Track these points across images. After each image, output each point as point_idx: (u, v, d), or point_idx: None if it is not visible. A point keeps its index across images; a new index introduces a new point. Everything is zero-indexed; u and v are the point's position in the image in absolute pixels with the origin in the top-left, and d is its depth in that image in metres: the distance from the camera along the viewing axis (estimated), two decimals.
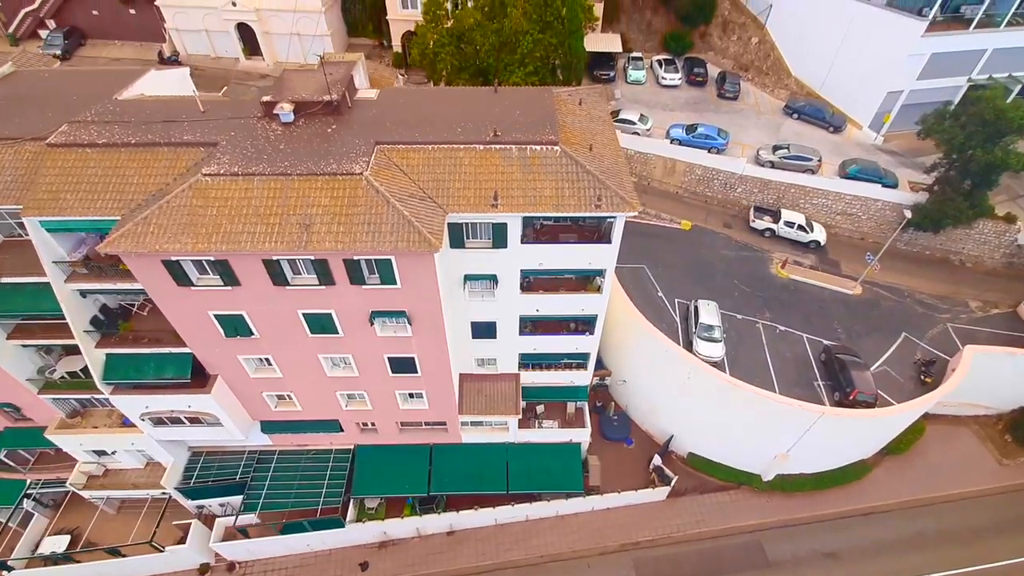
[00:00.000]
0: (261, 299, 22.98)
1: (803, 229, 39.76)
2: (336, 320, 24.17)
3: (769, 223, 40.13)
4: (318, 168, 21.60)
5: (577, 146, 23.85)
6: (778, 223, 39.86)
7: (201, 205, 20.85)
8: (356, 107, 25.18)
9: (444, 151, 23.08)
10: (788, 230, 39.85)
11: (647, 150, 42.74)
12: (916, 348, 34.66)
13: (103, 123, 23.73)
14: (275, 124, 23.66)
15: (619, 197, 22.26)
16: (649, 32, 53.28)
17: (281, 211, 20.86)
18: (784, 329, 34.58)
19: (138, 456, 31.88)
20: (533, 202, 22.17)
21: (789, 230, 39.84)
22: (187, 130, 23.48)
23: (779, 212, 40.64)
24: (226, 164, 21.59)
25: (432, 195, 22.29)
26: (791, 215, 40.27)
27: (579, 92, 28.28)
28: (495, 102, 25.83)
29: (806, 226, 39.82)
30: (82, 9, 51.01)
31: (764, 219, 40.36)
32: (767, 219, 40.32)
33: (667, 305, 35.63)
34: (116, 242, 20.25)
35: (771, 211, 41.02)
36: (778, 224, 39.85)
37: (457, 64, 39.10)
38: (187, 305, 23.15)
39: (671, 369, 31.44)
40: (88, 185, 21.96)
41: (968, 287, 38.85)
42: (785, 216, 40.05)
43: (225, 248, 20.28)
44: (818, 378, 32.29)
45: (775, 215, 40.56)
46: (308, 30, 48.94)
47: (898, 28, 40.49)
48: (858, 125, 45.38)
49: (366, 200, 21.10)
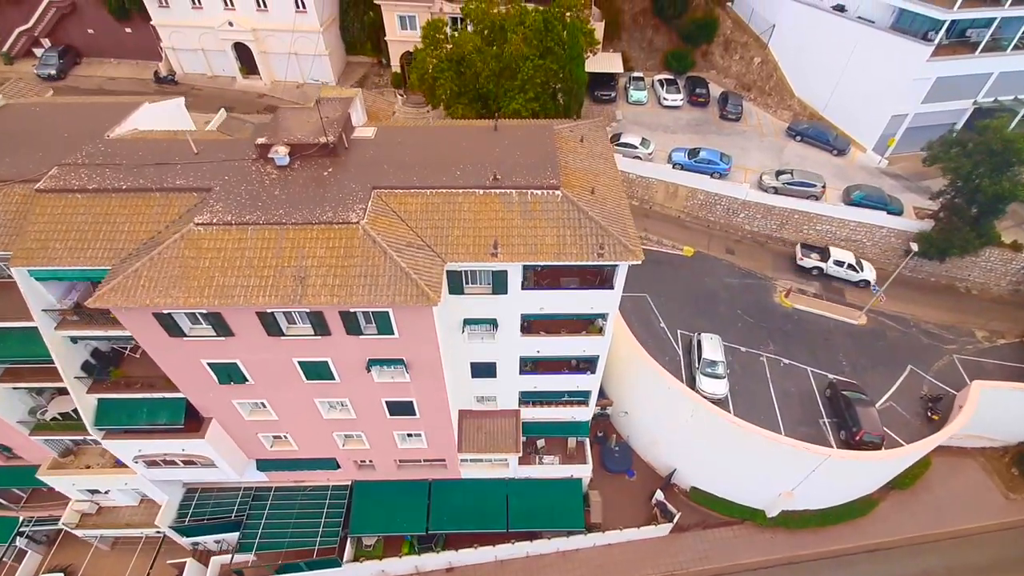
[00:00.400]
0: (255, 348, 22.46)
1: (853, 268, 38.62)
2: (332, 367, 23.65)
3: (817, 261, 38.94)
4: (313, 216, 21.09)
5: (579, 189, 23.35)
6: (827, 261, 38.57)
7: (193, 256, 20.31)
8: (353, 147, 24.63)
9: (443, 196, 22.53)
10: (837, 269, 38.64)
11: (649, 174, 42.24)
12: (922, 382, 34.15)
13: (94, 166, 23.20)
14: (270, 167, 23.13)
15: (622, 245, 21.73)
16: (650, 50, 52.75)
17: (275, 262, 20.32)
18: (788, 363, 34.06)
19: (132, 494, 31.37)
20: (534, 251, 21.64)
21: (839, 269, 38.63)
22: (180, 174, 22.94)
23: (827, 250, 39.37)
24: (219, 212, 21.06)
25: (430, 243, 21.76)
26: (840, 253, 38.98)
27: (580, 127, 27.79)
28: (495, 140, 25.30)
29: (856, 265, 38.67)
30: (77, 28, 50.55)
31: (812, 257, 39.18)
32: (815, 257, 39.17)
33: (669, 337, 35.12)
34: (106, 296, 19.71)
35: (819, 248, 39.67)
36: (827, 263, 38.58)
37: (456, 89, 38.58)
38: (179, 354, 22.62)
39: (673, 406, 30.91)
40: (78, 233, 21.43)
41: (974, 316, 38.35)
42: (835, 255, 38.76)
43: (218, 303, 19.75)
44: (823, 415, 31.76)
45: (823, 253, 39.33)
46: (306, 50, 48.53)
47: (903, 52, 39.97)
48: (862, 148, 44.85)
49: (362, 251, 20.58)
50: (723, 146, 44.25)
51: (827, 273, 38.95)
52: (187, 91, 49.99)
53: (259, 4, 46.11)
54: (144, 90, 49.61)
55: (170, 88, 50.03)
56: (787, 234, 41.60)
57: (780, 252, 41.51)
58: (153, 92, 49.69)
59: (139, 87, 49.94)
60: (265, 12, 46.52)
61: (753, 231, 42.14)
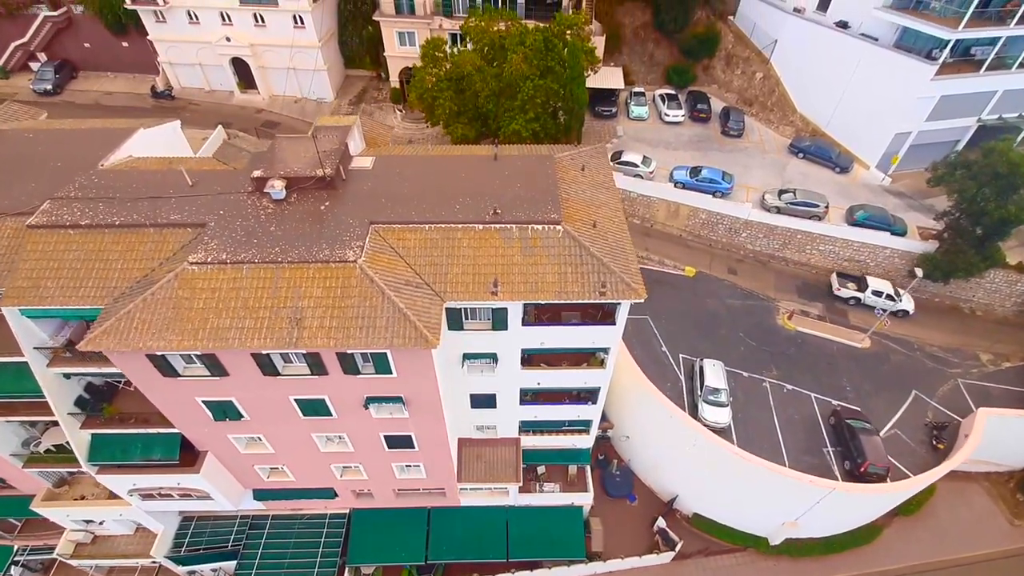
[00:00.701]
0: (250, 387, 22.07)
1: (891, 298, 37.98)
2: (329, 404, 23.25)
3: (854, 291, 38.38)
4: (310, 255, 20.67)
5: (580, 223, 22.96)
6: (864, 292, 38.04)
7: (187, 297, 19.90)
8: (350, 179, 24.21)
9: (442, 231, 22.12)
10: (876, 299, 38.10)
11: (650, 193, 41.84)
12: (927, 408, 33.77)
13: (87, 199, 22.76)
14: (266, 200, 22.72)
15: (624, 283, 21.32)
16: (651, 64, 52.37)
17: (271, 303, 19.90)
18: (791, 388, 33.68)
19: (127, 523, 30.97)
20: (534, 289, 21.22)
21: (877, 299, 38.08)
22: (174, 208, 22.50)
23: (864, 279, 38.82)
24: (214, 250, 20.64)
25: (429, 280, 21.35)
26: (878, 283, 38.41)
27: (581, 154, 27.36)
28: (495, 171, 24.90)
29: (894, 295, 38.07)
30: (73, 42, 50.12)
31: (849, 287, 38.61)
32: (851, 286, 38.59)
33: (671, 361, 34.75)
34: (98, 339, 19.31)
35: (855, 278, 39.09)
36: (865, 293, 38.05)
37: (456, 108, 38.20)
38: (173, 392, 22.22)
39: (676, 434, 30.53)
40: (70, 271, 20.99)
41: (979, 338, 37.97)
42: (872, 285, 38.20)
43: (212, 346, 19.35)
44: (827, 444, 31.38)
45: (859, 282, 38.75)
46: (305, 64, 48.12)
47: (907, 70, 39.60)
48: (865, 165, 44.47)
49: (360, 290, 20.17)
50: (725, 163, 43.91)
51: (864, 303, 38.14)
52: (184, 106, 49.87)
53: (257, 20, 45.70)
54: (141, 105, 49.29)
55: (167, 103, 49.63)
56: (790, 254, 41.25)
57: (783, 272, 41.16)
58: (150, 107, 49.46)
59: (136, 102, 49.54)
60: (263, 27, 46.11)
61: (755, 250, 41.75)
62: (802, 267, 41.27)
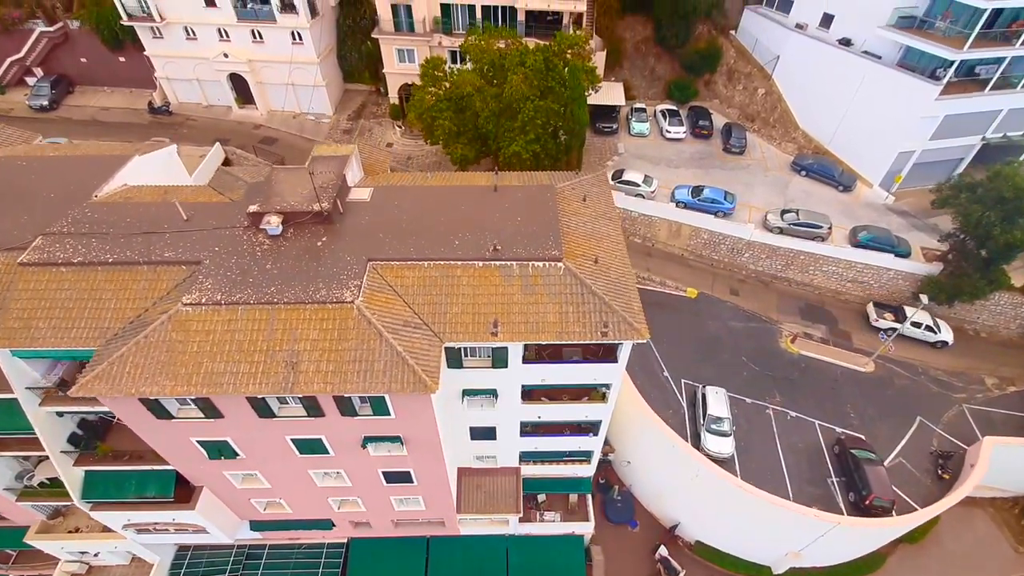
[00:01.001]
0: (246, 428, 21.68)
1: (931, 329, 37.55)
2: (326, 443, 22.88)
3: (892, 322, 37.75)
4: (306, 295, 20.28)
5: (582, 259, 22.57)
6: (903, 323, 37.46)
7: (181, 340, 19.50)
8: (348, 212, 23.79)
9: (441, 268, 21.71)
10: (914, 330, 37.65)
11: (652, 213, 41.45)
12: (932, 435, 33.40)
13: (79, 235, 22.39)
14: (262, 236, 22.34)
15: (626, 323, 20.95)
16: (652, 79, 51.98)
17: (266, 346, 19.50)
18: (795, 415, 33.29)
19: (123, 554, 30.59)
20: (535, 329, 20.83)
21: (915, 330, 37.64)
22: (168, 244, 22.11)
23: (902, 310, 38.35)
24: (208, 290, 20.25)
25: (428, 320, 20.95)
26: (917, 315, 37.66)
27: (582, 183, 26.98)
28: (495, 203, 24.51)
29: (933, 326, 37.59)
30: (70, 57, 49.69)
31: (886, 317, 38.03)
32: (889, 317, 38.03)
33: (673, 387, 34.36)
34: (90, 384, 18.92)
35: (893, 308, 38.50)
36: (903, 324, 37.37)
37: (455, 129, 37.78)
38: (167, 433, 21.84)
39: (678, 464, 30.15)
40: (62, 311, 20.60)
41: (983, 361, 37.60)
42: (911, 316, 37.55)
43: (206, 391, 18.95)
44: (832, 474, 30.99)
45: (897, 313, 38.17)
46: (303, 80, 47.73)
47: (911, 90, 39.22)
48: (868, 183, 44.09)
49: (357, 332, 19.77)
50: (727, 181, 43.55)
51: (903, 334, 37.51)
52: (182, 121, 49.50)
53: (255, 36, 45.31)
54: (138, 121, 48.88)
55: (164, 118, 49.23)
56: (793, 274, 40.86)
57: (785, 292, 40.80)
58: (147, 123, 49.05)
59: (133, 117, 49.13)
60: (261, 44, 45.71)
61: (758, 271, 41.39)
62: (805, 288, 40.91)
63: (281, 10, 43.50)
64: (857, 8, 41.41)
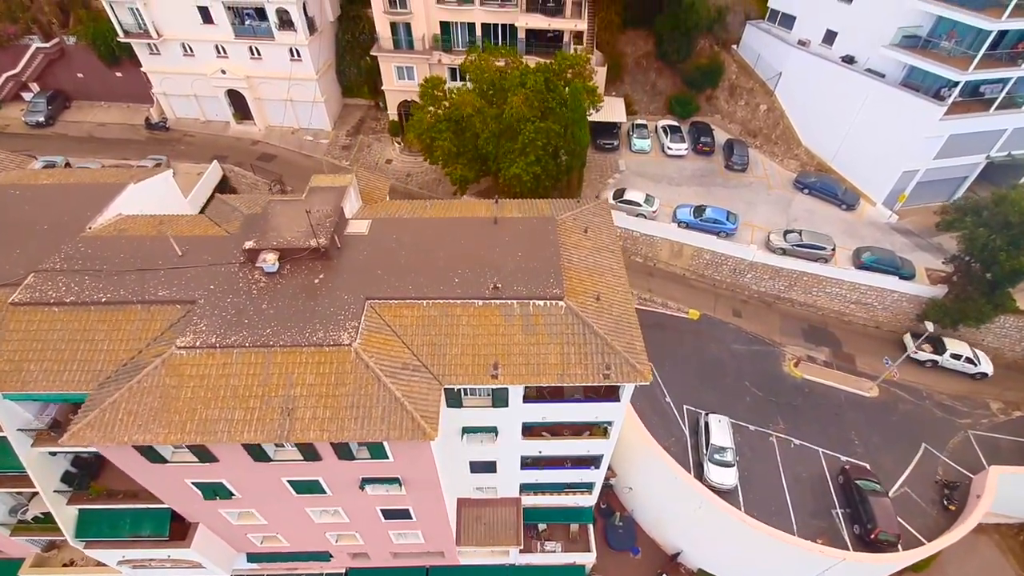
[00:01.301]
0: (241, 470, 21.28)
1: (971, 361, 36.98)
2: (324, 484, 22.48)
3: (931, 354, 37.33)
4: (303, 337, 19.91)
5: (583, 296, 22.20)
6: (942, 355, 37.14)
7: (175, 385, 19.13)
8: (346, 246, 23.43)
9: (440, 307, 21.35)
10: (954, 362, 37.15)
11: (654, 233, 41.03)
12: (937, 463, 32.94)
13: (72, 272, 22.02)
14: (258, 273, 21.95)
15: (628, 365, 20.57)
16: (653, 93, 51.57)
17: (261, 391, 19.13)
18: (799, 443, 32.85)
19: None
20: (536, 372, 20.47)
21: (955, 362, 37.15)
22: (163, 281, 21.75)
23: (942, 342, 37.70)
24: (203, 332, 19.88)
25: (427, 362, 20.57)
26: (956, 346, 37.43)
27: (584, 214, 26.65)
28: (495, 236, 24.16)
29: (973, 358, 37.08)
30: (66, 72, 49.24)
31: (925, 348, 37.35)
32: (928, 349, 37.40)
33: (675, 413, 33.95)
34: (82, 433, 18.55)
35: (931, 339, 37.61)
36: (943, 356, 37.13)
37: (455, 149, 37.37)
38: (161, 475, 21.44)
39: (680, 494, 29.77)
40: (54, 353, 20.24)
41: (988, 384, 37.13)
42: (951, 348, 37.17)
43: (200, 439, 18.57)
44: (836, 505, 30.55)
45: (936, 344, 37.57)
46: (302, 96, 47.33)
47: (915, 110, 38.78)
48: (871, 202, 43.65)
49: (355, 377, 19.40)
50: (729, 199, 43.15)
51: (942, 366, 37.16)
52: (179, 138, 49.10)
53: (253, 53, 44.90)
54: (135, 137, 48.45)
55: (162, 134, 48.80)
56: (796, 295, 40.46)
57: (788, 314, 40.39)
58: (144, 139, 48.64)
59: (130, 133, 48.69)
60: (259, 60, 45.31)
61: (760, 291, 40.98)
62: (808, 309, 40.49)
63: (279, 27, 43.10)
64: (860, 26, 40.98)
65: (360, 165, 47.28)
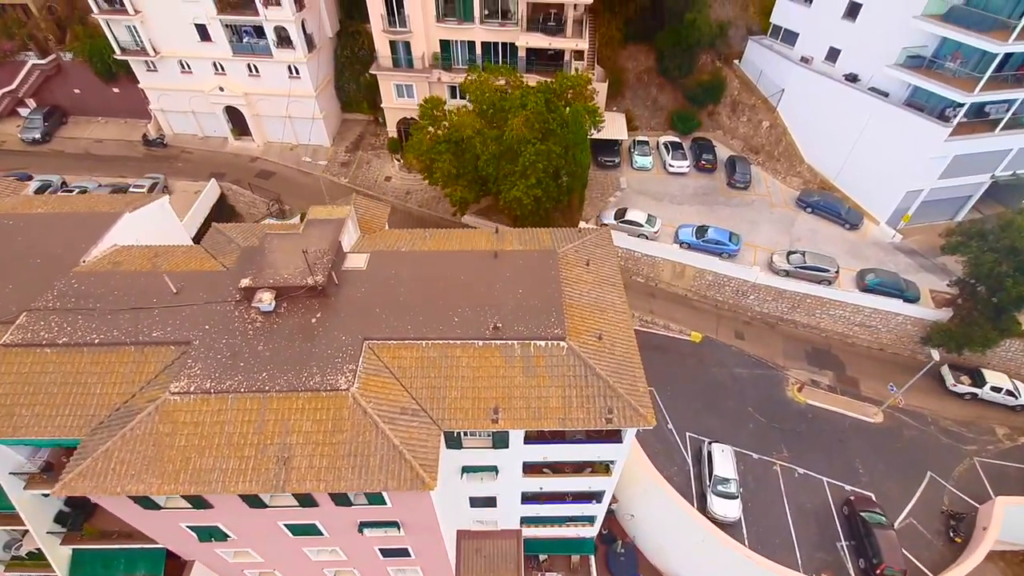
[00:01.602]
0: (237, 515, 20.91)
1: (1011, 394, 36.43)
2: (321, 527, 22.11)
3: (970, 387, 36.92)
4: (299, 381, 19.54)
5: (585, 335, 21.80)
6: (982, 387, 36.62)
7: (168, 433, 18.74)
8: (344, 281, 23.03)
9: (440, 348, 20.96)
10: (994, 395, 36.65)
11: (655, 254, 40.63)
12: (943, 492, 32.54)
13: (64, 311, 21.64)
14: (254, 313, 21.57)
15: (631, 408, 20.16)
16: (655, 108, 51.19)
17: (257, 439, 18.73)
18: (803, 472, 32.44)
19: None
20: (537, 415, 20.08)
21: (995, 395, 36.62)
22: (157, 322, 21.34)
23: (981, 374, 37.39)
24: (197, 377, 19.51)
25: (426, 405, 20.17)
26: (996, 378, 36.93)
27: (586, 244, 26.25)
28: (495, 271, 23.78)
29: (1014, 390, 36.51)
30: (63, 88, 48.91)
31: (963, 381, 37.01)
32: (966, 381, 37.04)
33: (677, 440, 33.57)
34: (74, 483, 18.16)
35: (970, 371, 37.50)
36: (982, 388, 36.59)
37: (455, 171, 36.99)
38: (156, 520, 21.05)
39: (683, 526, 29.37)
40: (46, 396, 19.85)
41: (994, 409, 36.72)
42: (990, 380, 36.71)
43: (194, 489, 18.17)
44: (841, 537, 30.14)
45: (975, 376, 37.16)
46: (301, 113, 46.95)
47: (920, 130, 38.39)
48: (875, 220, 43.25)
49: (352, 423, 19.01)
50: (731, 218, 42.79)
51: (981, 398, 36.72)
52: (177, 154, 48.73)
53: (251, 70, 44.54)
54: (132, 154, 48.06)
55: (159, 151, 48.42)
56: (799, 317, 40.06)
57: (792, 335, 39.98)
58: (142, 156, 48.28)
59: (127, 150, 48.30)
60: (257, 77, 44.96)
61: (763, 312, 40.59)
62: (812, 330, 40.09)
63: (278, 45, 42.76)
64: (864, 45, 40.61)
65: (359, 183, 46.94)
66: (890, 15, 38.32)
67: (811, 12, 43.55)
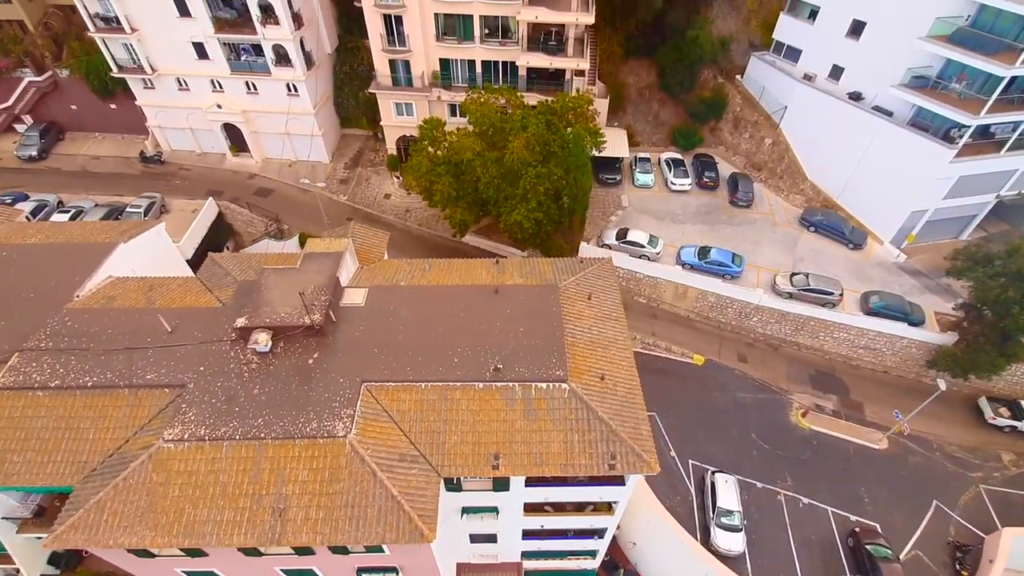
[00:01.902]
0: (232, 562, 20.52)
1: None
2: (319, 572, 21.70)
3: (1010, 419, 36.37)
4: (296, 428, 19.16)
5: (587, 375, 21.44)
6: (1022, 420, 36.14)
7: (162, 482, 18.36)
8: (342, 320, 22.66)
9: (439, 390, 20.62)
10: None
11: (657, 275, 40.20)
12: (949, 521, 32.11)
13: (57, 351, 21.27)
14: (250, 353, 21.18)
15: (635, 454, 19.79)
16: (656, 124, 50.78)
17: (252, 490, 18.35)
18: (808, 502, 32.01)
19: None
20: (538, 461, 19.72)
21: None
22: (151, 363, 20.98)
23: (1019, 405, 36.86)
24: (191, 423, 19.14)
25: (425, 450, 19.78)
26: None
27: (587, 277, 25.90)
28: (496, 308, 23.41)
29: None
30: (59, 105, 48.49)
31: (1003, 414, 36.55)
32: (1006, 413, 36.55)
33: (680, 469, 33.16)
34: (66, 535, 17.81)
35: (1009, 403, 36.96)
36: (1022, 421, 36.12)
37: (454, 193, 36.58)
38: (150, 567, 20.67)
39: (686, 560, 28.94)
40: (38, 443, 19.51)
41: (999, 435, 36.31)
42: None
43: (188, 542, 17.77)
44: (847, 571, 29.70)
45: (1014, 408, 36.67)
46: (299, 130, 46.55)
47: (924, 151, 37.96)
48: (879, 240, 42.82)
49: (349, 472, 18.63)
50: (734, 238, 42.37)
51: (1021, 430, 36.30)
52: (175, 171, 48.31)
53: (249, 87, 44.12)
54: (129, 171, 47.61)
55: (156, 168, 47.95)
56: (803, 339, 39.63)
57: (795, 358, 39.54)
58: (139, 172, 47.82)
59: (124, 167, 47.86)
60: (256, 95, 44.53)
61: (767, 335, 40.17)
62: (815, 353, 39.66)
63: (276, 63, 42.33)
64: (868, 63, 40.20)
65: (358, 200, 46.55)
66: (894, 35, 37.88)
67: (814, 29, 43.12)
